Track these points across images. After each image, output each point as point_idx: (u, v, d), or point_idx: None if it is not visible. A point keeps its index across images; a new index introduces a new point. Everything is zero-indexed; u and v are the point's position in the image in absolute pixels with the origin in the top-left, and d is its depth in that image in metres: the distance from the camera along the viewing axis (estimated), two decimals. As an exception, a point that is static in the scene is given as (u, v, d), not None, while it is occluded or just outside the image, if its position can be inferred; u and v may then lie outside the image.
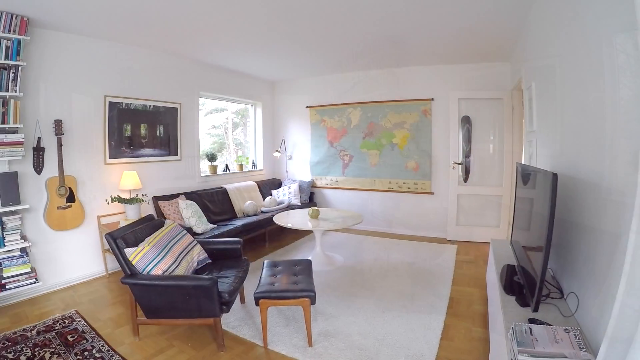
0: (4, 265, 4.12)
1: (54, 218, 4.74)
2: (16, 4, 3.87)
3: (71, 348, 3.34)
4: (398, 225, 7.48)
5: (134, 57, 5.67)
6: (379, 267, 5.35)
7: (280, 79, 8.55)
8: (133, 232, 3.64)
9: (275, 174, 9.03)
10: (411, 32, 5.03)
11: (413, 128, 7.08)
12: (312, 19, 4.60)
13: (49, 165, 4.71)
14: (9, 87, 4.08)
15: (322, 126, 8.14)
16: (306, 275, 3.65)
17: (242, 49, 5.98)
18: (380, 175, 7.55)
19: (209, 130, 8.10)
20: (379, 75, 7.39)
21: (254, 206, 6.88)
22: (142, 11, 4.26)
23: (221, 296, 3.20)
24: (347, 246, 6.45)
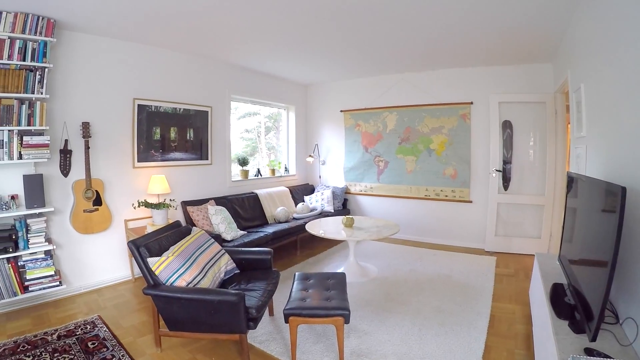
0: (27, 268, 4.17)
1: (80, 221, 4.79)
2: (42, 6, 3.93)
3: (90, 356, 3.31)
4: (434, 235, 7.24)
5: (163, 59, 5.71)
6: (415, 279, 5.13)
7: (313, 82, 8.48)
8: (157, 240, 3.54)
9: (308, 179, 8.96)
10: (449, 32, 4.85)
11: (451, 133, 6.85)
12: (347, 20, 4.48)
13: (76, 167, 4.78)
14: (35, 89, 4.15)
15: (356, 131, 8.00)
16: (340, 291, 3.46)
17: (274, 52, 5.93)
18: (416, 183, 7.33)
19: (242, 134, 8.09)
20: (415, 78, 7.21)
21: (286, 212, 6.79)
22: (171, 13, 4.26)
23: (248, 312, 3.04)
24: (381, 256, 6.27)
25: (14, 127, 4.04)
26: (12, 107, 4.02)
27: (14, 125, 4.05)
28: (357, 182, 8.10)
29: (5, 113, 3.98)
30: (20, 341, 3.56)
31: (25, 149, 4.13)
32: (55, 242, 4.61)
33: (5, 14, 3.86)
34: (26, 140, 4.13)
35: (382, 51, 5.81)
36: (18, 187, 4.26)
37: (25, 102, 4.12)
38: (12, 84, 4.00)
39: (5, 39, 3.92)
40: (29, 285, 4.18)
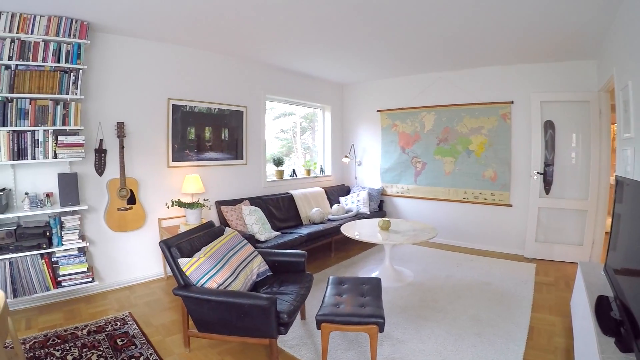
0: (61, 263, 4.34)
1: (114, 219, 4.94)
2: (75, 9, 4.07)
3: (119, 353, 3.38)
4: (472, 239, 7.04)
5: (198, 60, 5.81)
6: (452, 285, 5.00)
7: (349, 81, 8.41)
8: (189, 240, 3.56)
9: (344, 180, 8.91)
10: (487, 29, 4.68)
11: (491, 133, 6.62)
12: (384, 19, 4.41)
13: (111, 167, 4.93)
14: (70, 90, 4.30)
15: (393, 131, 7.88)
16: (375, 297, 3.36)
17: (309, 51, 5.91)
18: (455, 185, 7.15)
19: (277, 134, 8.15)
20: (454, 76, 7.02)
21: (321, 214, 6.77)
22: (204, 14, 4.31)
23: (279, 317, 2.99)
24: (417, 260, 6.15)
25: (49, 127, 4.21)
26: (47, 107, 4.19)
27: (49, 125, 4.21)
28: (394, 184, 7.97)
29: (40, 113, 4.15)
30: (51, 335, 3.69)
31: (60, 148, 4.28)
32: (89, 239, 4.77)
33: (39, 18, 4.03)
34: (61, 140, 4.28)
35: (419, 49, 5.69)
36: (53, 186, 4.44)
37: (60, 102, 4.28)
38: (47, 85, 4.16)
39: (40, 41, 4.08)
40: (62, 280, 4.34)
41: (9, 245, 3.99)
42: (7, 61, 3.92)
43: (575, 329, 3.45)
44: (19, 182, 4.32)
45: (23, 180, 4.35)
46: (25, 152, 4.11)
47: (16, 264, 4.05)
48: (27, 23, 3.98)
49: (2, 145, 3.97)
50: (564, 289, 4.85)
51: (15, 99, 4.02)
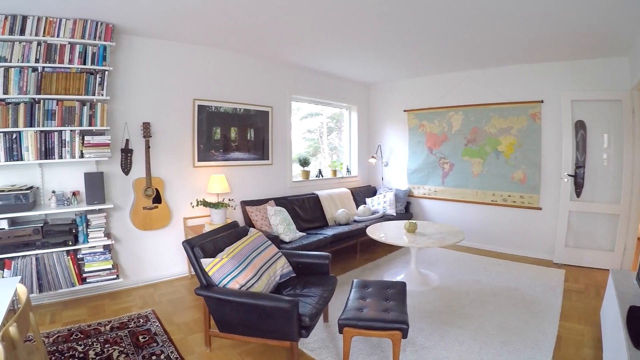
0: (86, 260, 4.47)
1: (139, 218, 5.06)
2: (101, 12, 4.18)
3: (140, 349, 3.45)
4: (500, 243, 6.87)
5: (223, 60, 5.88)
6: (478, 290, 4.89)
7: (376, 81, 8.34)
8: (213, 241, 3.58)
9: (370, 181, 8.85)
10: (516, 25, 4.57)
11: (520, 134, 6.44)
12: (410, 16, 4.35)
13: (137, 166, 5.05)
14: (96, 91, 4.43)
15: (420, 131, 7.77)
16: (399, 302, 3.29)
17: (335, 50, 5.90)
18: (483, 187, 7.00)
19: (304, 134, 8.17)
20: (482, 75, 6.87)
21: (347, 215, 6.74)
22: (229, 15, 4.35)
23: (301, 320, 2.97)
24: (443, 263, 6.05)
25: (75, 127, 4.34)
26: (73, 108, 4.32)
27: (76, 126, 4.35)
28: (421, 185, 7.86)
29: (67, 114, 4.29)
30: (74, 330, 3.81)
31: (87, 148, 4.41)
32: (115, 237, 4.90)
33: (64, 21, 4.16)
34: (87, 140, 4.41)
35: (446, 48, 5.60)
36: (79, 184, 4.58)
37: (86, 103, 4.41)
38: (73, 86, 4.29)
39: (66, 44, 4.22)
40: (87, 277, 4.47)
41: (36, 242, 4.13)
42: (34, 63, 4.07)
43: (604, 340, 3.31)
44: (47, 181, 4.48)
45: (50, 178, 4.50)
46: (52, 151, 4.26)
47: (42, 260, 4.20)
48: (53, 26, 4.12)
49: (30, 144, 4.12)
50: (594, 297, 4.68)
51: (42, 100, 4.16)
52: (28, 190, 4.06)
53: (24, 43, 4.03)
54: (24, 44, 4.04)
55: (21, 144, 4.09)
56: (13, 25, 3.95)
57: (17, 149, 4.07)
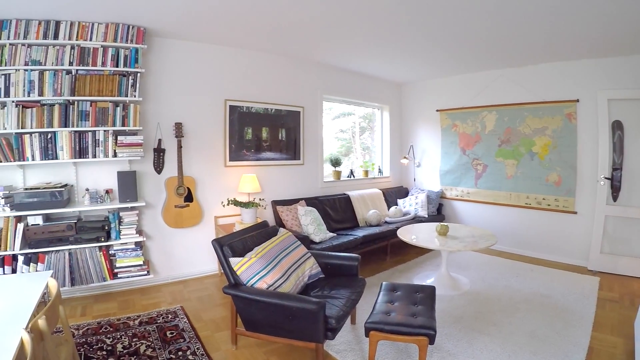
0: (117, 256, 4.62)
1: (171, 216, 5.17)
2: (132, 16, 4.30)
3: (167, 345, 3.53)
4: (533, 248, 6.63)
5: (254, 61, 5.93)
6: (509, 297, 4.74)
7: (407, 80, 8.22)
8: (242, 240, 3.60)
9: (402, 182, 8.72)
10: (550, 21, 4.40)
11: (555, 135, 6.20)
12: (442, 14, 4.28)
13: (169, 165, 5.17)
14: (129, 93, 4.56)
15: (453, 131, 7.60)
16: (428, 307, 3.22)
17: (366, 50, 5.86)
18: (517, 189, 6.77)
19: (336, 134, 8.17)
20: (515, 74, 6.65)
21: (378, 216, 6.68)
22: (259, 16, 4.38)
23: (328, 322, 2.94)
24: (474, 267, 5.90)
25: (109, 128, 4.48)
26: (107, 109, 4.46)
27: (109, 126, 4.49)
28: (454, 187, 7.69)
29: (100, 115, 4.43)
30: (104, 323, 3.93)
31: (120, 147, 4.55)
32: (146, 234, 5.03)
33: (97, 25, 4.31)
34: (120, 140, 4.55)
35: (480, 45, 5.46)
36: (113, 182, 4.74)
37: (119, 104, 4.55)
38: (107, 88, 4.44)
39: (99, 47, 4.37)
40: (118, 272, 4.62)
41: (69, 237, 4.29)
42: (67, 66, 4.23)
43: (637, 354, 3.13)
44: (81, 179, 4.65)
45: (84, 177, 4.67)
46: (86, 151, 4.41)
47: (75, 255, 4.36)
48: (86, 30, 4.27)
49: (65, 144, 4.28)
50: (629, 307, 4.46)
51: (76, 101, 4.32)
52: (62, 188, 4.23)
53: (57, 47, 4.21)
54: (58, 47, 4.21)
55: (56, 143, 4.26)
56: (47, 30, 4.12)
57: (52, 148, 4.24)
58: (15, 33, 4.03)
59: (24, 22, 4.06)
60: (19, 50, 4.07)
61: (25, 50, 4.09)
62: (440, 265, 5.29)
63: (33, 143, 4.15)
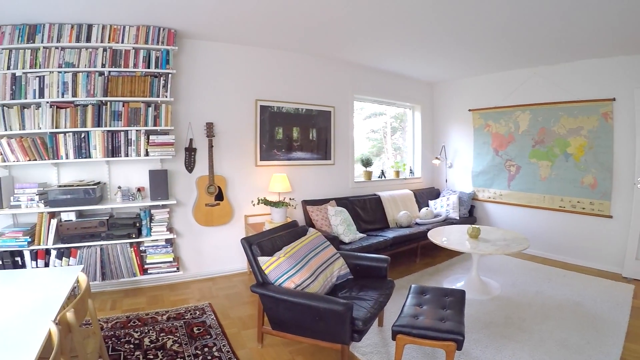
0: (148, 253, 4.70)
1: (201, 214, 5.22)
2: (163, 18, 4.36)
3: (193, 340, 3.56)
4: (566, 252, 6.33)
5: (284, 61, 5.92)
6: (540, 303, 4.56)
7: (439, 79, 8.02)
8: (271, 239, 3.60)
9: (434, 182, 8.50)
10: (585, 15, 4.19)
11: (591, 135, 5.90)
12: (473, 11, 4.15)
13: (200, 164, 5.22)
14: (160, 93, 4.63)
15: (486, 131, 7.36)
16: (456, 311, 3.13)
17: (398, 49, 5.76)
18: (550, 191, 6.50)
19: (368, 134, 8.08)
20: (549, 72, 6.37)
21: (408, 217, 6.56)
22: (289, 17, 4.37)
23: (354, 323, 2.90)
24: (506, 271, 5.71)
25: (141, 127, 4.56)
26: (139, 109, 4.54)
27: (141, 126, 4.57)
28: (486, 188, 7.46)
29: (132, 115, 4.51)
30: (133, 317, 4.00)
31: (152, 146, 4.62)
32: (177, 231, 5.09)
33: (128, 28, 4.40)
34: (152, 139, 4.62)
35: (512, 43, 5.26)
36: (144, 181, 4.82)
37: (151, 104, 4.62)
38: (139, 89, 4.51)
39: (130, 49, 4.45)
40: (148, 268, 4.70)
41: (101, 233, 4.40)
42: (100, 68, 4.34)
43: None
44: (113, 177, 4.75)
45: (117, 175, 4.78)
46: (118, 150, 4.50)
47: (106, 250, 4.46)
48: (118, 33, 4.36)
49: (98, 143, 4.38)
50: (664, 318, 4.25)
51: (109, 102, 4.42)
52: (95, 186, 4.34)
53: (90, 49, 4.31)
54: (91, 50, 4.31)
55: (89, 142, 4.36)
56: (79, 34, 4.23)
57: (85, 147, 4.35)
58: (48, 37, 4.16)
59: (57, 26, 4.18)
60: (53, 53, 4.20)
61: (59, 53, 4.22)
62: (470, 268, 5.13)
63: (67, 142, 4.27)
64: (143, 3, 3.90)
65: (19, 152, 4.12)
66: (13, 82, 4.11)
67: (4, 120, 4.10)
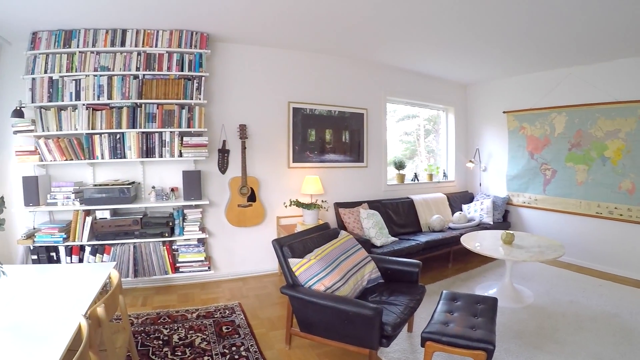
0: (180, 251, 4.71)
1: (234, 215, 5.20)
2: (195, 23, 4.38)
3: (222, 339, 3.53)
4: (602, 261, 5.93)
5: (316, 64, 5.85)
6: (574, 313, 4.30)
7: (472, 81, 7.71)
8: (302, 241, 3.54)
9: (468, 186, 8.18)
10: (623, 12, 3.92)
11: (629, 138, 5.51)
12: (507, 9, 3.96)
13: (233, 166, 5.21)
14: (194, 96, 4.63)
15: (520, 134, 7.02)
16: (488, 319, 2.99)
17: (430, 50, 5.58)
18: (587, 197, 6.11)
19: (401, 136, 7.90)
20: (585, 72, 6.00)
21: (441, 221, 6.35)
22: (321, 19, 4.31)
23: (384, 328, 2.81)
24: (539, 279, 5.43)
25: (175, 129, 4.58)
26: (173, 111, 4.56)
27: (175, 127, 4.59)
28: (521, 193, 7.13)
29: (167, 117, 4.53)
30: (163, 314, 4.00)
31: (185, 148, 4.63)
32: (209, 231, 5.08)
33: (161, 32, 4.43)
34: (186, 141, 4.63)
35: (547, 42, 4.98)
36: (178, 181, 4.84)
37: (185, 106, 4.63)
38: (172, 91, 4.53)
39: (164, 53, 4.48)
40: (180, 266, 4.71)
41: (135, 232, 4.43)
42: (135, 71, 4.39)
43: None
44: (147, 177, 4.80)
45: (151, 175, 4.82)
46: (153, 150, 4.53)
47: (140, 248, 4.49)
48: (151, 38, 4.40)
49: (133, 144, 4.42)
50: None
51: (143, 104, 4.47)
52: (130, 185, 4.37)
53: (124, 53, 4.37)
54: (125, 54, 4.37)
55: (124, 143, 4.41)
56: (114, 38, 4.30)
57: (120, 148, 4.40)
58: (84, 42, 4.26)
59: (92, 31, 4.27)
60: (88, 58, 4.29)
61: (94, 57, 4.30)
62: (503, 275, 4.90)
63: (102, 143, 4.34)
64: (175, 8, 3.91)
65: (56, 152, 4.21)
66: (50, 85, 4.22)
67: (42, 121, 4.21)
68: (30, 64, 4.23)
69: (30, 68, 4.22)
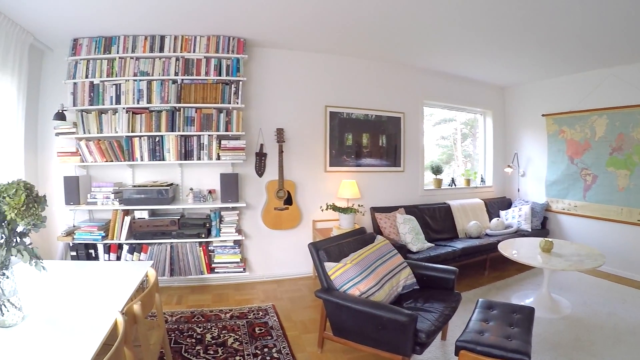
0: (216, 252, 4.67)
1: (270, 217, 5.13)
2: (232, 29, 4.36)
3: (254, 340, 3.47)
4: None
5: (353, 68, 5.70)
6: (613, 326, 4.00)
7: (510, 83, 7.34)
8: (338, 245, 3.47)
9: (506, 192, 7.78)
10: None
11: None
12: (546, 7, 3.73)
13: (270, 169, 5.14)
14: (231, 100, 4.60)
15: (560, 138, 6.61)
16: (524, 330, 2.85)
17: (467, 53, 5.36)
18: (629, 203, 5.66)
19: (437, 141, 7.66)
20: (627, 72, 5.56)
21: (478, 227, 6.09)
22: (358, 23, 4.21)
23: (417, 335, 2.72)
24: (577, 289, 5.09)
25: (213, 132, 4.56)
26: (211, 115, 4.53)
27: (213, 131, 4.56)
28: (560, 199, 6.72)
29: (205, 120, 4.51)
30: (197, 313, 3.97)
31: (223, 151, 4.60)
32: (245, 233, 5.03)
33: (199, 38, 4.42)
34: (224, 144, 4.60)
35: (586, 39, 4.62)
36: (215, 183, 4.80)
37: (222, 110, 4.60)
38: (210, 96, 4.51)
39: (202, 58, 4.47)
40: (216, 267, 4.67)
41: (172, 232, 4.43)
42: (173, 76, 4.40)
43: None
44: (185, 179, 4.79)
45: (189, 177, 4.82)
46: (191, 153, 4.52)
47: (176, 248, 4.49)
48: (189, 43, 4.41)
49: (171, 147, 4.43)
50: None
51: (182, 108, 4.47)
52: (168, 187, 4.38)
53: (163, 59, 4.39)
54: (164, 59, 4.39)
55: (163, 146, 4.42)
56: (153, 44, 4.33)
57: (159, 150, 4.41)
58: (123, 48, 4.32)
59: (132, 37, 4.32)
60: (128, 63, 4.33)
61: (134, 62, 4.34)
62: (541, 284, 4.64)
63: (142, 145, 4.37)
64: (213, 14, 3.88)
65: (96, 153, 4.27)
66: (91, 90, 4.29)
67: (83, 124, 4.28)
68: (72, 69, 4.31)
69: (72, 73, 4.31)
